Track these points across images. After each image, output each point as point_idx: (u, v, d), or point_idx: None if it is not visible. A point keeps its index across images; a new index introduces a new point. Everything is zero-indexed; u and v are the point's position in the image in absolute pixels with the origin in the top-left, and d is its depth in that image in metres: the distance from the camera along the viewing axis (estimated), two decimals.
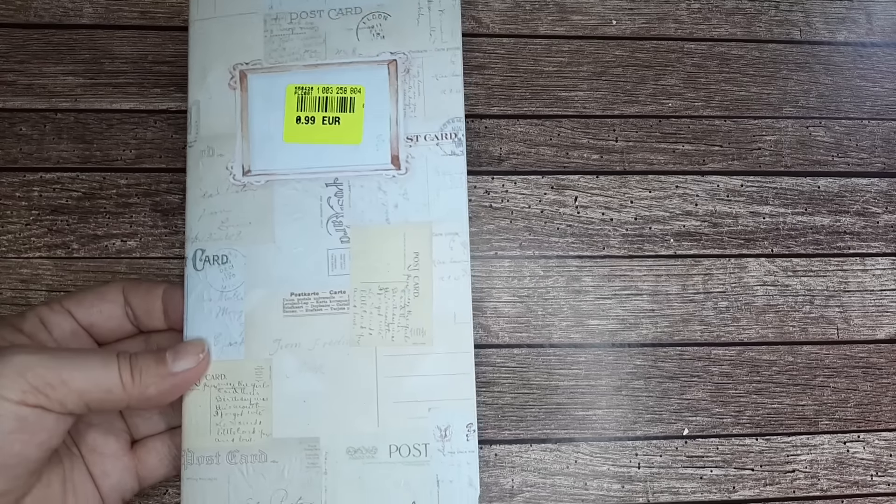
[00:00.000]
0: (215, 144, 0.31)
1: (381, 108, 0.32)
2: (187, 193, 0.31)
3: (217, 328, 0.30)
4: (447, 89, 0.32)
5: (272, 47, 0.32)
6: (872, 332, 0.40)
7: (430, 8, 0.32)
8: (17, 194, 0.37)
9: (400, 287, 0.30)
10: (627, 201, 0.40)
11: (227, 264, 0.30)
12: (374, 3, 0.32)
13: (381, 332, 0.30)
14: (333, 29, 0.32)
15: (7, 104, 0.37)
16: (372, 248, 0.31)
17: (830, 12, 0.42)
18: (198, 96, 0.31)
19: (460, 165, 0.31)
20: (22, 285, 0.36)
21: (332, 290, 0.30)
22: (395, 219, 0.31)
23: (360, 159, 0.31)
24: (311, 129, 0.31)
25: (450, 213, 0.31)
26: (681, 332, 0.39)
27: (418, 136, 0.31)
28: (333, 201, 0.31)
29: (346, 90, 0.32)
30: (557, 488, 0.38)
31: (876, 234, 0.41)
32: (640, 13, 0.41)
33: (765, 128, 0.41)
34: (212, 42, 0.32)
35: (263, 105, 0.31)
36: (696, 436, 0.39)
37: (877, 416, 0.40)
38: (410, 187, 0.31)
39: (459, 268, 0.31)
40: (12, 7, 0.38)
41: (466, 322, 0.30)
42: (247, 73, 0.32)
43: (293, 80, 0.32)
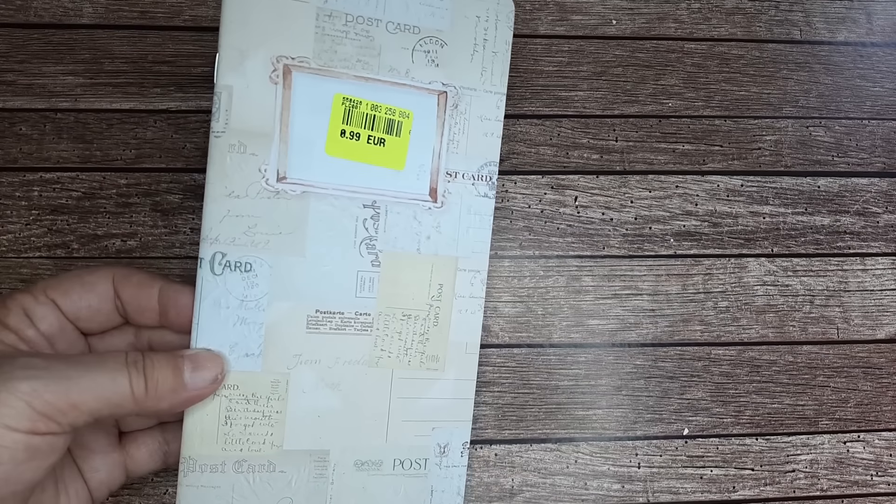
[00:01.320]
0: (248, 141, 0.29)
1: (427, 138, 0.31)
2: (208, 188, 0.29)
3: (233, 337, 0.29)
4: (489, 132, 0.32)
5: (323, 47, 0.30)
6: (872, 331, 0.40)
7: (484, 47, 0.32)
8: (16, 194, 0.37)
9: (422, 315, 0.31)
10: (627, 201, 0.40)
11: (251, 272, 0.29)
12: (433, 26, 0.31)
13: (399, 355, 0.31)
14: (389, 43, 0.31)
15: (7, 104, 0.37)
16: (401, 275, 0.31)
17: (830, 12, 0.42)
18: (231, 81, 0.29)
19: (490, 208, 0.32)
20: (22, 285, 0.36)
21: (358, 312, 0.30)
22: (426, 249, 0.31)
23: (399, 186, 0.31)
24: (354, 146, 0.30)
25: (475, 252, 0.32)
26: (681, 332, 0.39)
27: (457, 172, 0.31)
28: (369, 224, 0.30)
29: (395, 112, 0.31)
30: (557, 488, 0.38)
31: (876, 233, 0.41)
32: (640, 13, 0.41)
33: (765, 128, 0.41)
34: (253, 23, 0.29)
35: (307, 108, 0.30)
36: (696, 435, 0.39)
37: (877, 415, 0.40)
38: (444, 221, 0.31)
39: (476, 303, 0.32)
40: (12, 7, 0.38)
41: (474, 353, 0.32)
42: (292, 70, 0.29)
43: (342, 88, 0.30)
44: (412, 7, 0.31)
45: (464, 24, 0.31)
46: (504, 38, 0.32)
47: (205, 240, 0.29)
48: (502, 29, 0.32)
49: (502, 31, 0.32)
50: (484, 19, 0.31)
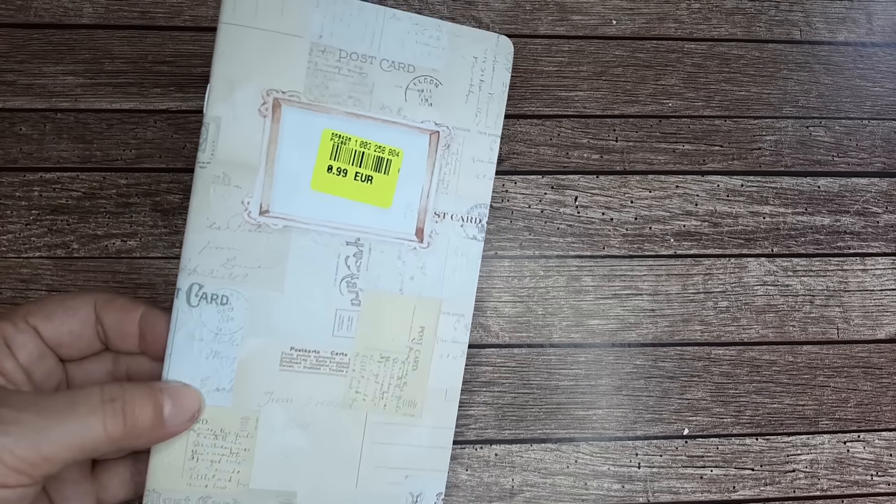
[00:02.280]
0: (233, 173, 0.29)
1: (416, 178, 0.30)
2: (190, 218, 0.28)
3: (205, 371, 0.28)
4: (480, 174, 0.31)
5: (314, 81, 0.29)
6: (872, 331, 0.40)
7: (480, 88, 0.31)
8: (17, 194, 0.37)
9: (401, 358, 0.30)
10: (628, 201, 0.40)
11: (227, 306, 0.29)
12: (428, 65, 0.30)
13: (374, 399, 0.30)
14: (383, 81, 0.30)
15: (7, 104, 0.37)
16: (381, 315, 0.30)
17: (830, 12, 0.42)
18: (219, 112, 0.29)
19: (478, 250, 0.31)
20: (22, 285, 0.36)
21: (335, 351, 0.30)
22: (409, 290, 0.30)
23: (385, 224, 0.30)
24: (341, 182, 0.30)
25: (460, 295, 0.31)
26: (681, 332, 0.39)
27: (446, 213, 0.31)
28: (351, 261, 0.30)
29: (385, 150, 0.30)
30: (558, 488, 0.38)
31: (876, 233, 0.41)
32: (640, 13, 0.41)
33: (765, 128, 0.41)
34: (245, 55, 0.29)
35: (294, 143, 0.29)
36: (696, 435, 0.39)
37: (877, 415, 0.40)
38: (429, 262, 0.31)
39: (459, 348, 0.31)
40: (12, 7, 0.38)
41: (454, 400, 0.31)
42: (282, 103, 0.29)
43: (332, 124, 0.30)
44: (408, 45, 0.30)
45: (460, 65, 0.31)
46: (501, 79, 0.31)
47: (183, 270, 0.28)
48: (500, 70, 0.31)
49: (500, 72, 0.31)
50: (482, 60, 0.31)
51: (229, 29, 0.29)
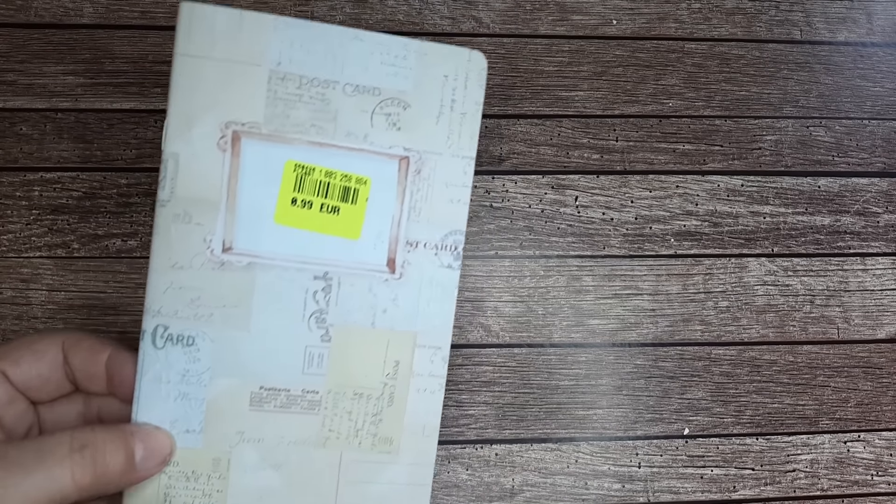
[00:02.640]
0: (193, 210, 0.28)
1: (385, 206, 0.29)
2: (152, 259, 0.28)
3: (174, 413, 0.28)
4: (455, 199, 0.30)
5: (274, 111, 0.28)
6: (873, 331, 0.40)
7: (452, 108, 0.29)
8: (17, 194, 0.37)
9: (375, 394, 0.29)
10: (628, 201, 0.40)
11: (193, 347, 0.28)
12: (395, 87, 0.29)
13: (349, 437, 0.29)
14: (347, 107, 0.29)
15: (7, 104, 0.37)
16: (353, 350, 0.29)
17: (831, 12, 0.42)
18: (177, 148, 0.27)
19: (454, 280, 0.30)
20: (22, 285, 0.36)
21: (305, 389, 0.29)
22: (382, 324, 0.29)
23: (354, 256, 0.29)
24: (306, 214, 0.29)
25: (436, 327, 0.30)
26: (681, 332, 0.39)
27: (418, 242, 0.29)
28: (320, 296, 0.29)
29: (352, 179, 0.29)
30: (558, 488, 0.38)
31: (876, 233, 0.41)
32: (640, 13, 0.41)
33: (765, 128, 0.41)
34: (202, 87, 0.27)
35: (256, 176, 0.28)
36: (696, 435, 0.39)
37: (877, 415, 0.40)
38: (402, 294, 0.29)
39: (436, 382, 0.30)
40: (13, 7, 0.38)
41: (433, 436, 0.30)
42: (241, 136, 0.28)
43: (294, 155, 0.28)
44: (373, 67, 0.29)
45: (430, 85, 0.29)
46: (474, 98, 0.29)
47: (147, 311, 0.28)
48: (473, 88, 0.29)
49: (473, 90, 0.29)
50: (452, 78, 0.29)
51: (185, 60, 0.27)
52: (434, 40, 0.40)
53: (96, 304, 0.36)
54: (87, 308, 0.36)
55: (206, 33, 0.28)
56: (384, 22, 0.39)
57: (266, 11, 0.28)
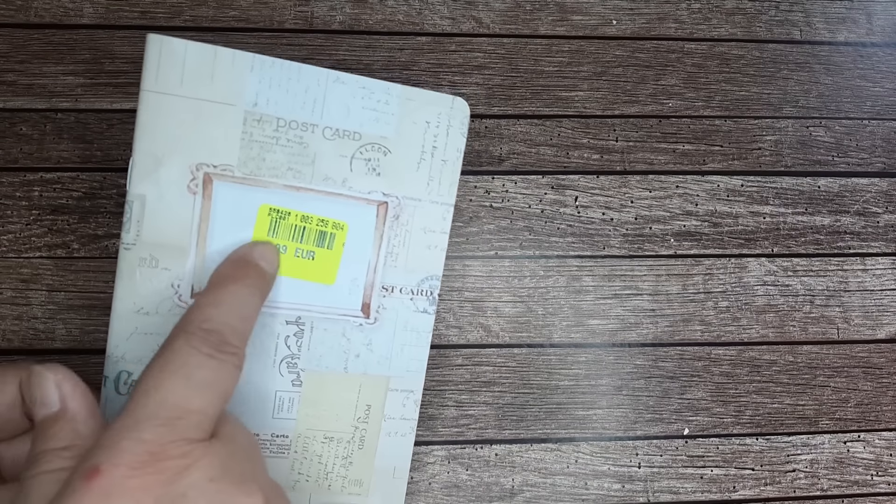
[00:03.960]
0: (160, 255, 0.26)
1: (362, 251, 0.29)
2: (115, 304, 0.26)
3: None
4: (432, 245, 0.30)
5: (249, 154, 0.27)
6: (873, 331, 0.40)
7: (433, 155, 0.29)
8: (17, 194, 0.37)
9: (346, 438, 0.29)
10: (628, 201, 0.40)
11: None
12: (377, 132, 0.28)
13: (318, 479, 0.29)
14: (326, 151, 0.28)
15: (7, 104, 0.37)
16: (324, 395, 0.29)
17: (831, 12, 0.42)
18: (143, 190, 0.26)
19: (429, 324, 0.30)
20: (22, 285, 0.36)
21: (275, 434, 0.28)
22: (354, 368, 0.29)
23: (328, 300, 0.28)
24: (280, 259, 0.28)
25: (409, 372, 0.30)
26: (681, 332, 0.39)
27: (394, 287, 0.29)
28: (292, 341, 0.28)
29: (328, 224, 0.28)
30: (558, 488, 0.38)
31: (876, 233, 0.41)
32: (640, 13, 0.41)
33: (765, 128, 0.41)
34: (170, 126, 0.26)
35: (228, 220, 0.27)
36: (696, 435, 0.39)
37: (877, 415, 0.40)
38: (376, 339, 0.29)
39: (407, 425, 0.30)
40: (13, 7, 0.38)
41: (403, 478, 0.30)
42: (213, 178, 0.27)
43: (269, 199, 0.27)
44: (354, 111, 0.28)
45: (411, 131, 0.29)
46: (456, 145, 0.29)
47: (109, 358, 0.27)
48: (454, 136, 0.29)
49: (454, 137, 0.29)
50: (434, 125, 0.29)
51: (152, 97, 0.26)
52: (433, 41, 0.40)
53: (96, 304, 0.36)
54: (87, 308, 0.36)
55: (175, 69, 0.26)
56: (384, 22, 0.39)
57: (240, 48, 0.27)
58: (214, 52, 0.26)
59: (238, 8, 0.38)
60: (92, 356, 0.36)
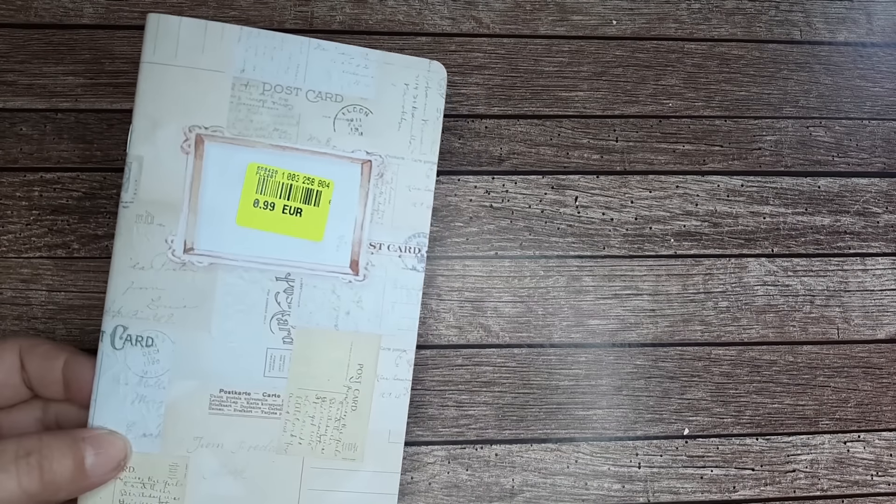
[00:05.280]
0: (155, 211, 0.28)
1: (348, 208, 0.29)
2: (113, 260, 0.28)
3: (131, 416, 0.27)
4: (418, 202, 0.30)
5: (238, 116, 0.29)
6: (873, 331, 0.40)
7: (413, 115, 0.30)
8: (17, 194, 0.37)
9: (339, 398, 0.29)
10: (628, 201, 0.40)
11: (152, 348, 0.28)
12: (357, 94, 0.30)
13: (311, 442, 0.29)
14: (310, 112, 0.29)
15: (7, 104, 0.37)
16: (315, 353, 0.29)
17: (831, 12, 0.42)
18: (141, 151, 0.28)
19: (418, 282, 0.30)
20: (22, 285, 0.36)
21: (266, 393, 0.28)
22: (345, 326, 0.29)
23: (317, 257, 0.29)
24: (268, 216, 0.29)
25: (401, 330, 0.30)
26: (681, 332, 0.39)
27: (382, 244, 0.30)
28: (282, 297, 0.29)
29: (314, 182, 0.29)
30: (558, 488, 0.38)
31: (876, 233, 0.41)
32: (640, 13, 0.41)
33: (765, 128, 0.41)
34: (166, 93, 0.28)
35: (218, 178, 0.28)
36: (696, 435, 0.39)
37: (877, 415, 0.40)
38: (365, 296, 0.29)
39: (401, 386, 0.30)
40: (13, 7, 0.38)
41: (399, 442, 0.30)
42: (204, 139, 0.28)
43: (257, 157, 0.29)
44: (335, 75, 0.29)
45: (391, 92, 0.30)
46: (435, 105, 0.30)
47: (107, 312, 0.28)
48: (433, 96, 0.30)
49: (433, 98, 0.30)
50: (413, 87, 0.30)
51: (150, 68, 0.28)
52: (433, 41, 0.40)
53: (96, 304, 0.36)
54: (87, 308, 0.36)
55: (170, 42, 0.28)
56: (384, 22, 0.39)
57: (231, 21, 0.29)
58: (205, 25, 0.29)
59: (238, 8, 0.39)
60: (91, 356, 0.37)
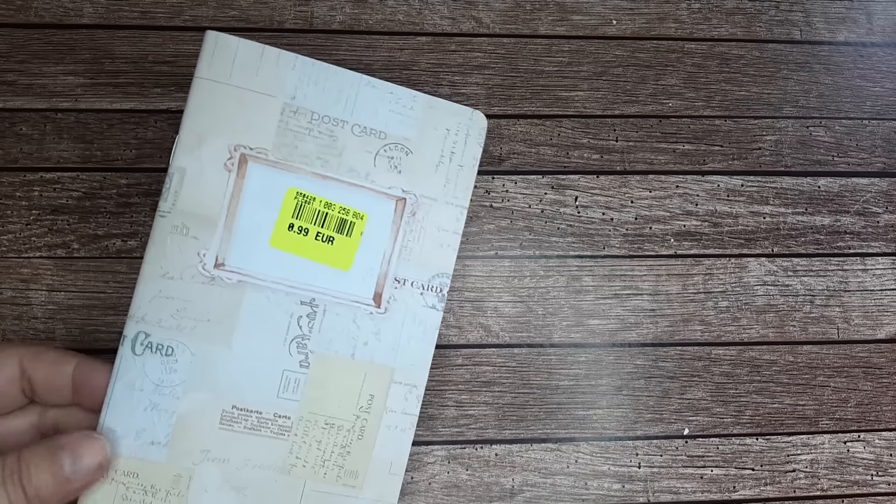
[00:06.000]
0: (192, 224, 0.28)
1: (379, 242, 0.30)
2: (143, 267, 0.28)
3: (141, 422, 0.28)
4: (444, 244, 0.31)
5: (283, 140, 0.29)
6: (873, 331, 0.40)
7: (451, 160, 0.31)
8: (17, 194, 0.37)
9: (346, 426, 0.30)
10: (628, 201, 0.40)
11: (171, 357, 0.28)
12: (400, 133, 0.30)
13: (315, 466, 0.29)
14: (353, 145, 0.30)
15: (7, 104, 0.37)
16: (330, 379, 0.29)
17: (831, 12, 0.42)
18: (185, 164, 0.29)
19: (436, 321, 0.31)
20: (22, 285, 0.36)
21: (277, 413, 0.29)
22: (361, 356, 0.30)
23: (343, 286, 0.30)
24: (301, 241, 0.29)
25: (414, 365, 0.30)
26: (681, 332, 0.39)
27: (406, 280, 0.30)
28: (304, 322, 0.29)
29: (349, 213, 0.30)
30: (558, 488, 0.38)
31: (876, 233, 0.41)
32: (640, 13, 0.41)
33: (765, 128, 0.41)
34: (216, 110, 0.29)
35: (257, 199, 0.29)
36: (696, 435, 0.39)
37: (877, 415, 0.40)
38: (384, 328, 0.30)
39: (408, 420, 0.30)
40: (13, 7, 0.38)
41: (399, 474, 0.30)
42: (248, 159, 0.29)
43: (297, 183, 0.29)
44: (381, 112, 0.30)
45: (432, 136, 0.31)
46: (472, 153, 0.31)
47: (131, 318, 0.28)
48: (472, 145, 0.31)
49: (471, 146, 0.31)
50: (454, 133, 0.31)
51: (203, 84, 0.29)
52: (433, 41, 0.40)
53: (96, 304, 0.36)
54: (87, 308, 0.36)
55: (226, 61, 0.29)
56: (384, 22, 0.39)
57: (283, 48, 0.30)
58: (262, 49, 0.30)
59: (238, 8, 0.38)
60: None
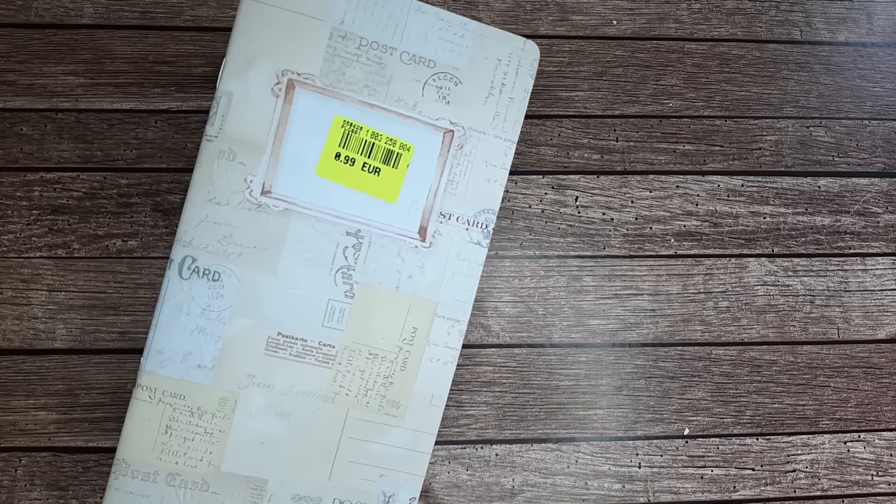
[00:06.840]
0: (238, 150, 0.29)
1: (425, 175, 0.30)
2: (190, 190, 0.28)
3: (189, 346, 0.28)
4: (492, 179, 0.31)
5: (331, 67, 0.29)
6: (873, 331, 0.40)
7: (501, 91, 0.31)
8: (17, 194, 0.37)
9: (390, 357, 0.30)
10: (628, 201, 0.40)
11: (218, 282, 0.28)
12: (450, 63, 0.30)
13: (358, 395, 0.30)
14: (401, 74, 0.30)
15: (8, 104, 0.37)
16: (374, 311, 0.30)
17: (831, 12, 0.42)
18: (231, 87, 0.29)
19: (481, 257, 0.31)
20: (23, 285, 0.36)
21: (322, 342, 0.29)
22: (406, 289, 0.30)
23: (388, 218, 0.30)
24: (347, 171, 0.29)
25: (457, 300, 0.31)
26: (681, 332, 0.39)
27: (452, 215, 0.30)
28: (350, 252, 0.30)
29: (396, 144, 0.30)
30: (558, 488, 0.38)
31: (876, 233, 0.41)
32: (640, 13, 0.41)
33: (765, 128, 0.41)
34: (264, 32, 0.29)
35: (304, 126, 0.29)
36: (696, 435, 0.39)
37: (877, 415, 0.40)
38: (429, 263, 0.30)
39: (450, 354, 0.31)
40: (13, 7, 0.38)
41: (440, 406, 0.31)
42: (296, 85, 0.29)
43: (344, 111, 0.29)
44: (431, 40, 0.30)
45: (483, 65, 0.30)
46: (524, 85, 0.31)
47: (178, 242, 0.28)
48: (523, 76, 0.31)
49: (523, 77, 0.31)
50: (505, 63, 0.30)
51: (251, 5, 0.29)
52: None
53: (96, 304, 0.36)
54: (87, 308, 0.36)
55: None
56: None
57: None
58: None
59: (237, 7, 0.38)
60: (92, 356, 0.36)
